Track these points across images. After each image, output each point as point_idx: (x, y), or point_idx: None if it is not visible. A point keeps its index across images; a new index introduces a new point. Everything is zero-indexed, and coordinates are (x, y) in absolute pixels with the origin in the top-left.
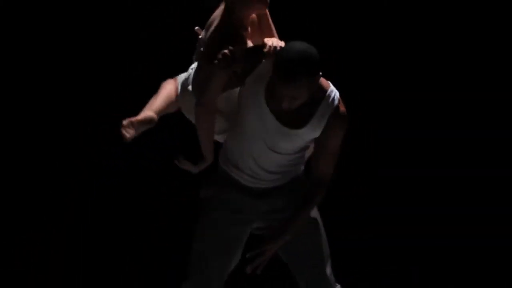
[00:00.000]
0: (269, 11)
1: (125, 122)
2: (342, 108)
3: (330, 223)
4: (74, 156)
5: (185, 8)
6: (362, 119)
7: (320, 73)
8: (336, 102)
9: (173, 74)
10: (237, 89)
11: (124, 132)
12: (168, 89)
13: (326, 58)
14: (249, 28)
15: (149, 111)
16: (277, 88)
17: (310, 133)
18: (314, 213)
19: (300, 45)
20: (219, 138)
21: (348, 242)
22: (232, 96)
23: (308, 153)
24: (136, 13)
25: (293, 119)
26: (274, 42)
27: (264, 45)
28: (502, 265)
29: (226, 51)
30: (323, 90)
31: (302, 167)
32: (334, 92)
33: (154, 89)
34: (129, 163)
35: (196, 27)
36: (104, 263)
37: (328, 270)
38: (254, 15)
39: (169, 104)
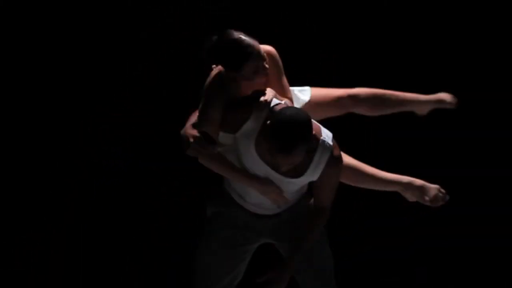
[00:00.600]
0: (270, 12)
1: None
2: (337, 152)
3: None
4: (74, 156)
5: (185, 8)
6: (362, 119)
7: (313, 132)
8: (330, 147)
9: (173, 74)
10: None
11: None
12: None
13: (326, 58)
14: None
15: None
16: (275, 158)
17: (308, 179)
18: (323, 235)
19: (290, 115)
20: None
21: (348, 257)
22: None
23: None
24: (136, 13)
25: (290, 169)
26: (267, 96)
27: (254, 98)
28: (502, 265)
29: (197, 135)
30: (316, 139)
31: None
32: (327, 137)
33: (154, 89)
34: (129, 163)
35: (213, 65)
36: (104, 263)
37: (333, 282)
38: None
39: None
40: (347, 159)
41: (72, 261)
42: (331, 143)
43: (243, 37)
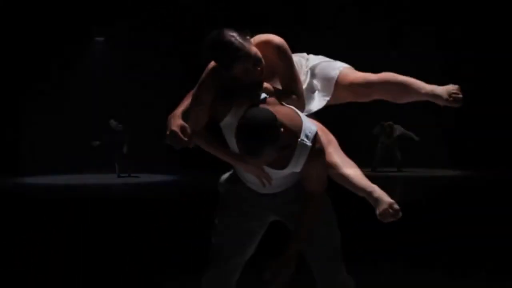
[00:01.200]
0: (269, 12)
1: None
2: (318, 145)
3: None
4: (73, 155)
5: (185, 8)
6: (362, 119)
7: (282, 129)
8: (309, 144)
9: (173, 74)
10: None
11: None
12: None
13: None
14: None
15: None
16: (246, 158)
17: (292, 170)
18: (329, 211)
19: (255, 119)
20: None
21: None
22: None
23: None
24: (136, 13)
25: (274, 161)
26: (250, 92)
27: (239, 93)
28: (502, 265)
29: (173, 129)
30: (296, 136)
31: None
32: (306, 138)
33: (153, 89)
34: (129, 163)
35: None
36: (104, 263)
37: (342, 266)
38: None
39: None
40: (335, 156)
41: (72, 261)
42: (309, 143)
43: (234, 39)
